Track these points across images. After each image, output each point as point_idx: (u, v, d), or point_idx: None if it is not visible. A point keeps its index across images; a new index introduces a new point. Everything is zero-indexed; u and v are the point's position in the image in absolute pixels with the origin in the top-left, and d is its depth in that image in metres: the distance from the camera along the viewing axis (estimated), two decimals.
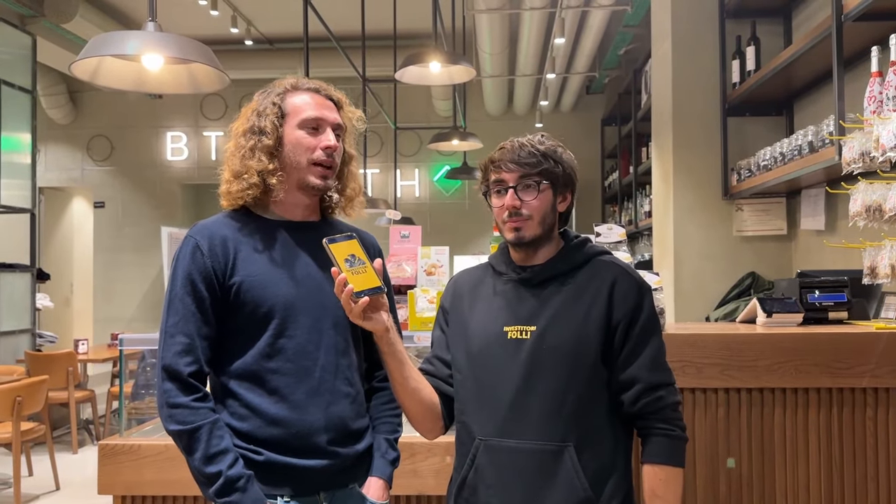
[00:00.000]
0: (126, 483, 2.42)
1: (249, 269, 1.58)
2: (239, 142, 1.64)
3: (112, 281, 9.67)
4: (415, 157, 9.72)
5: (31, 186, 6.38)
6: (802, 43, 3.37)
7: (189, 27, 7.61)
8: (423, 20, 6.40)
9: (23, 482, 4.74)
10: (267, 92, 1.67)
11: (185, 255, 1.58)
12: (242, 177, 1.61)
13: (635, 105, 6.86)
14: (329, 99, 1.67)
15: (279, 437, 1.56)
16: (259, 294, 1.57)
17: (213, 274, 1.57)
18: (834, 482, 2.26)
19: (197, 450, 1.50)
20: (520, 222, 1.57)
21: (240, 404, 1.57)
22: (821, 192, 3.82)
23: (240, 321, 1.58)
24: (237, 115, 1.70)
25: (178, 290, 1.56)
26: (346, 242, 1.51)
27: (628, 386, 1.56)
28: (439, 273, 2.80)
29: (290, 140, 1.62)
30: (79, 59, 2.26)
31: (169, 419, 1.52)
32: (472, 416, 1.59)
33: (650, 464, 1.55)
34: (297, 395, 1.57)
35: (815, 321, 2.48)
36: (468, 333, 1.62)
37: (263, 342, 1.57)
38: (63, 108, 9.48)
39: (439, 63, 3.80)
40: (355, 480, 1.65)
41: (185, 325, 1.54)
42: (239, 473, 1.51)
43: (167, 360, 1.53)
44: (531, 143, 1.60)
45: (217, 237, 1.60)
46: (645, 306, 1.58)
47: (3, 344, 6.15)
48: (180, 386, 1.52)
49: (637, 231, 6.88)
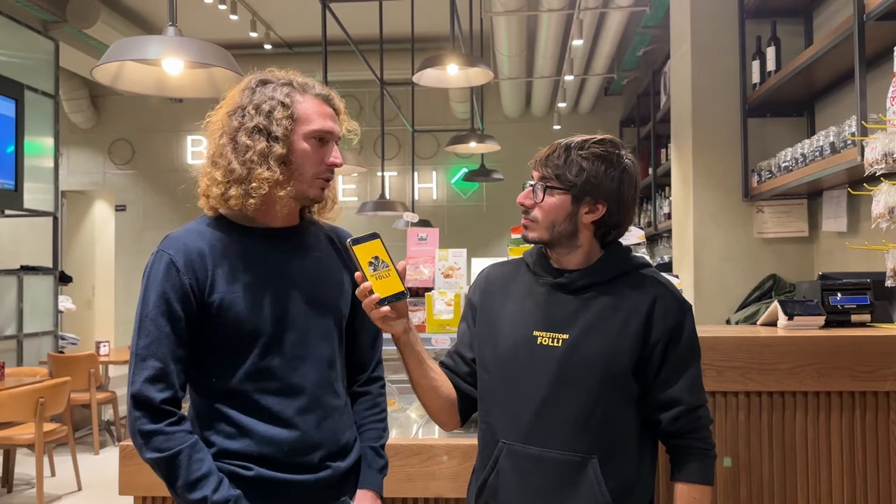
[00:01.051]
0: (147, 484, 2.44)
1: (230, 285, 1.47)
2: (240, 140, 1.48)
3: (133, 283, 9.75)
4: (432, 160, 9.73)
5: (53, 190, 6.45)
6: (823, 43, 3.34)
7: (209, 32, 7.67)
8: (440, 23, 6.41)
9: (45, 483, 4.79)
10: (268, 84, 1.52)
11: (157, 272, 1.47)
12: (250, 185, 1.47)
13: (654, 106, 6.83)
14: (334, 108, 1.58)
15: (272, 455, 1.49)
16: (241, 312, 1.47)
17: (191, 292, 1.45)
18: (857, 487, 2.24)
19: (178, 477, 1.41)
20: (527, 221, 1.56)
21: (229, 424, 1.49)
22: (843, 194, 3.78)
23: (222, 339, 1.48)
24: (221, 97, 1.57)
25: (150, 311, 1.44)
26: (370, 243, 1.47)
27: (668, 406, 1.53)
28: (457, 275, 2.80)
29: (298, 150, 1.50)
30: (100, 64, 2.28)
31: (144, 448, 1.42)
32: (496, 417, 1.57)
33: (684, 482, 1.54)
34: (289, 413, 1.50)
35: (837, 324, 2.45)
36: (497, 333, 1.59)
37: (250, 363, 1.48)
38: (85, 112, 9.59)
39: (457, 65, 3.80)
40: (346, 493, 1.60)
41: (157, 349, 1.43)
42: (225, 497, 1.42)
43: (137, 387, 1.42)
44: (569, 146, 1.53)
45: (193, 251, 1.48)
46: (686, 326, 1.55)
47: (27, 346, 6.22)
48: (152, 413, 1.41)
49: (656, 233, 6.84)
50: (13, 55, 6.02)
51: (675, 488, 1.55)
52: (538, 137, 1.64)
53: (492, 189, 9.58)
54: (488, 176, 7.15)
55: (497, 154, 7.21)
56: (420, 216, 7.67)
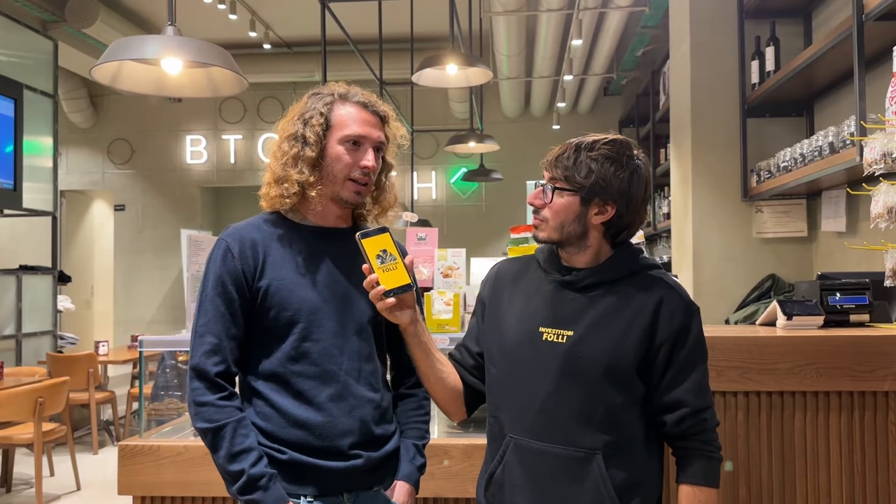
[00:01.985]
0: (145, 484, 2.44)
1: (277, 272, 1.61)
2: (282, 146, 1.65)
3: (132, 283, 9.76)
4: (432, 160, 9.73)
5: (52, 190, 6.45)
6: (823, 43, 3.34)
7: (208, 31, 7.67)
8: (440, 23, 6.41)
9: (44, 482, 4.79)
10: (317, 96, 1.68)
11: (216, 257, 1.62)
12: (283, 185, 1.62)
13: (653, 106, 6.83)
14: (375, 114, 1.67)
15: (302, 439, 1.58)
16: (285, 297, 1.60)
17: (243, 276, 1.60)
18: (856, 487, 2.24)
19: (221, 447, 1.53)
20: (537, 221, 1.57)
21: (265, 404, 1.60)
22: (842, 194, 3.79)
23: (266, 323, 1.61)
24: (285, 112, 1.71)
25: (208, 292, 1.59)
26: (379, 237, 1.53)
27: (673, 408, 1.54)
28: (456, 275, 2.80)
29: (332, 153, 1.63)
30: (99, 64, 2.28)
31: (196, 417, 1.55)
32: (504, 412, 1.58)
33: (689, 484, 1.54)
34: (321, 399, 1.59)
35: (836, 324, 2.45)
36: (504, 328, 1.61)
37: (288, 345, 1.60)
38: (84, 112, 9.59)
39: (456, 65, 3.80)
40: (380, 483, 1.66)
41: (213, 326, 1.57)
42: (261, 472, 1.53)
43: (195, 360, 1.56)
44: (579, 147, 1.53)
45: (247, 240, 1.63)
46: (692, 328, 1.55)
47: (26, 345, 6.22)
48: (207, 385, 1.55)
49: (655, 233, 6.84)
50: (12, 54, 6.01)
51: (680, 490, 1.55)
52: (537, 137, 1.63)
53: (491, 189, 9.58)
54: (487, 176, 7.16)
55: (496, 154, 7.21)
56: (419, 216, 7.67)
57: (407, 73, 6.02)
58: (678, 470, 1.57)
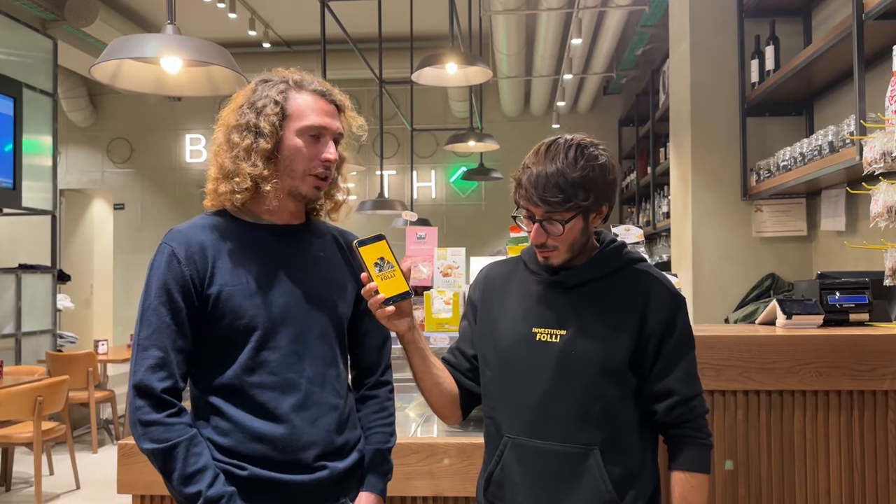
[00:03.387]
0: (145, 483, 2.44)
1: (229, 277, 1.49)
2: (231, 138, 1.51)
3: (132, 282, 9.76)
4: (431, 159, 9.73)
5: (52, 189, 6.45)
6: (822, 42, 3.34)
7: (207, 30, 7.66)
8: (439, 22, 6.41)
9: (44, 481, 4.78)
10: (267, 83, 1.54)
11: (160, 263, 1.49)
12: (234, 179, 1.49)
13: (653, 106, 6.83)
14: (333, 103, 1.56)
15: (263, 453, 1.47)
16: (239, 304, 1.48)
17: (191, 283, 1.47)
18: (855, 486, 2.24)
19: (174, 469, 1.41)
20: (547, 252, 1.56)
21: (222, 419, 1.48)
22: (841, 193, 3.79)
23: (219, 332, 1.49)
24: (226, 101, 1.58)
25: (152, 301, 1.47)
26: (376, 245, 1.49)
27: (663, 397, 1.56)
28: (455, 274, 2.80)
29: (289, 146, 1.51)
30: (99, 62, 2.28)
31: (142, 438, 1.42)
32: (500, 413, 1.60)
33: (681, 471, 1.56)
34: (283, 409, 1.49)
35: (835, 323, 2.45)
36: (497, 331, 1.62)
37: (245, 355, 1.48)
38: (83, 110, 9.58)
39: (456, 64, 3.80)
40: (346, 495, 1.58)
41: (158, 338, 1.44)
42: (219, 493, 1.42)
43: (139, 376, 1.43)
44: (560, 173, 1.48)
45: (195, 244, 1.49)
46: (679, 318, 1.57)
47: (25, 344, 6.22)
48: (153, 403, 1.42)
49: (655, 232, 6.84)
50: (12, 53, 6.01)
51: (673, 476, 1.57)
52: (537, 136, 1.62)
53: (491, 188, 9.58)
54: (487, 175, 7.15)
55: (496, 153, 7.20)
56: (419, 215, 7.66)
57: (406, 72, 6.02)
58: (670, 457, 1.59)
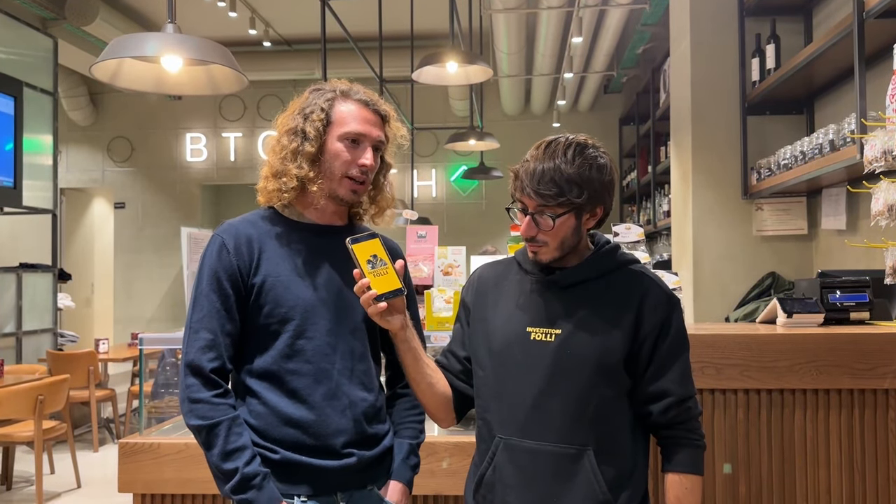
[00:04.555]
0: (146, 481, 2.44)
1: (272, 269, 1.60)
2: (282, 140, 1.64)
3: (132, 281, 9.77)
4: (432, 158, 9.73)
5: (52, 188, 6.45)
6: (823, 41, 3.34)
7: (208, 29, 7.67)
8: (440, 20, 6.41)
9: (45, 480, 4.79)
10: (318, 91, 1.67)
11: (211, 253, 1.61)
12: (281, 179, 1.62)
13: (653, 104, 6.83)
14: (376, 113, 1.67)
15: (295, 438, 1.57)
16: (280, 294, 1.59)
17: (238, 272, 1.59)
18: (855, 485, 2.24)
19: (215, 445, 1.51)
20: (536, 247, 1.56)
21: (258, 402, 1.59)
22: (842, 192, 3.78)
23: (260, 320, 1.60)
24: (285, 107, 1.70)
25: (203, 287, 1.58)
26: (369, 242, 1.52)
27: (658, 398, 1.56)
28: (456, 273, 2.80)
29: (330, 150, 1.62)
30: (99, 61, 2.28)
31: (189, 414, 1.53)
32: (493, 413, 1.59)
33: (675, 472, 1.56)
34: (315, 397, 1.58)
35: (836, 322, 2.45)
36: (490, 330, 1.62)
37: (283, 342, 1.59)
38: (84, 109, 9.59)
39: (456, 63, 3.80)
40: (374, 482, 1.66)
41: (209, 322, 1.56)
42: (255, 471, 1.51)
43: (191, 356, 1.55)
44: (556, 168, 1.49)
45: (243, 236, 1.62)
46: (674, 320, 1.57)
47: (26, 343, 6.22)
48: (202, 381, 1.53)
49: (655, 231, 6.84)
50: (12, 52, 6.01)
51: (667, 478, 1.57)
52: (538, 135, 1.62)
53: (491, 187, 9.58)
54: (487, 174, 7.15)
55: (496, 152, 7.21)
56: (419, 214, 7.68)
57: (407, 70, 6.02)
58: (664, 459, 1.59)
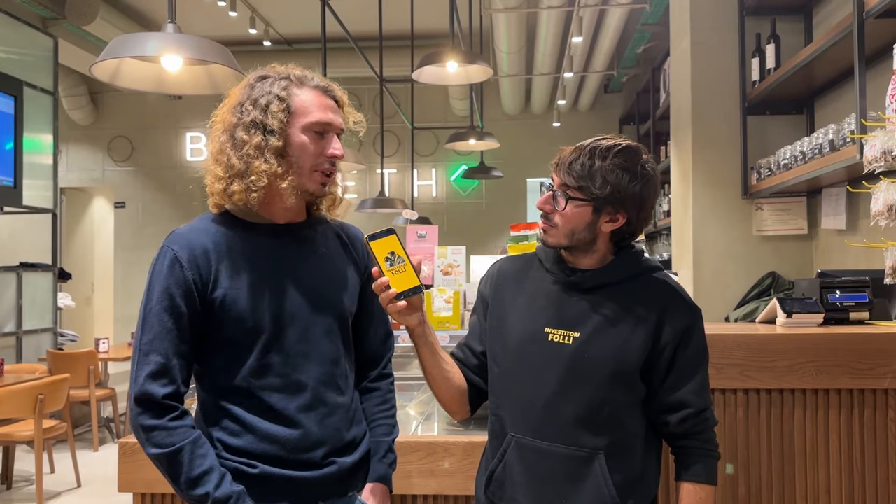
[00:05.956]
0: (146, 481, 2.44)
1: (233, 281, 1.48)
2: (238, 135, 1.49)
3: (132, 280, 9.77)
4: (432, 157, 9.73)
5: (52, 187, 6.45)
6: (823, 40, 3.34)
7: (208, 28, 7.67)
8: (440, 20, 6.41)
9: (45, 479, 4.79)
10: (267, 80, 1.53)
11: (161, 267, 1.46)
12: (247, 178, 1.47)
13: (654, 104, 6.83)
14: (334, 99, 1.56)
15: (275, 453, 1.49)
16: (244, 308, 1.47)
17: (194, 287, 1.46)
18: (855, 485, 2.24)
19: (181, 473, 1.41)
20: (546, 226, 1.56)
21: (231, 420, 1.50)
22: (842, 191, 3.78)
23: (225, 335, 1.49)
24: (223, 97, 1.57)
25: (153, 306, 1.45)
26: (387, 239, 1.49)
27: (677, 408, 1.55)
28: (456, 273, 2.80)
29: (296, 143, 1.50)
30: (99, 61, 2.28)
31: (146, 443, 1.42)
32: (506, 411, 1.59)
33: (690, 482, 1.56)
34: (291, 411, 1.50)
35: (835, 322, 2.45)
36: (507, 328, 1.61)
37: (253, 359, 1.49)
38: (84, 109, 9.58)
39: (456, 63, 3.79)
40: (354, 488, 1.61)
41: (159, 344, 1.43)
42: (227, 493, 1.42)
43: (140, 383, 1.42)
44: (592, 157, 1.50)
45: (198, 247, 1.48)
46: (696, 330, 1.57)
47: (26, 343, 6.22)
48: (154, 408, 1.42)
49: (656, 230, 6.84)
50: (12, 52, 6.01)
51: (681, 488, 1.56)
52: (538, 135, 1.62)
53: (491, 186, 9.58)
54: (488, 173, 7.15)
55: (497, 151, 7.20)
56: (419, 213, 7.68)
57: (407, 70, 6.02)
58: (679, 468, 1.58)
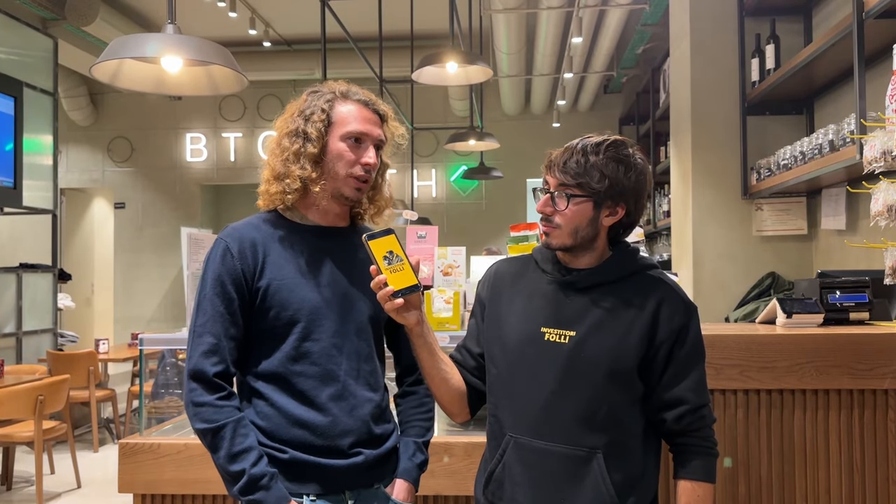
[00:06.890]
0: (146, 482, 2.44)
1: (277, 272, 1.61)
2: (283, 143, 1.65)
3: (132, 281, 9.77)
4: (432, 158, 9.73)
5: (52, 188, 6.45)
6: (823, 41, 3.34)
7: (208, 29, 7.67)
8: (440, 20, 6.41)
9: (45, 480, 4.79)
10: (316, 94, 1.68)
11: (215, 257, 1.61)
12: (284, 180, 1.62)
13: (653, 104, 6.83)
14: (376, 112, 1.69)
15: (303, 438, 1.58)
16: (285, 297, 1.60)
17: (242, 276, 1.60)
18: (855, 485, 2.24)
19: (221, 448, 1.53)
20: (549, 228, 1.57)
21: (266, 404, 1.60)
22: (841, 192, 3.79)
23: (266, 323, 1.61)
24: (282, 111, 1.71)
25: (207, 291, 1.59)
26: (385, 238, 1.53)
27: (674, 405, 1.56)
28: (456, 273, 2.80)
29: (333, 150, 1.63)
30: (99, 62, 2.28)
31: (194, 417, 1.55)
32: (504, 411, 1.59)
33: (689, 480, 1.56)
34: (322, 398, 1.60)
35: (835, 322, 2.45)
36: (505, 329, 1.62)
37: (289, 345, 1.60)
38: (84, 110, 9.59)
39: (456, 63, 3.80)
40: (380, 481, 1.67)
41: (212, 326, 1.57)
42: (262, 472, 1.53)
43: (194, 360, 1.56)
44: (585, 151, 1.53)
45: (247, 240, 1.62)
46: (692, 327, 1.57)
47: (26, 343, 6.22)
48: (205, 385, 1.55)
49: (655, 231, 6.84)
50: (12, 52, 6.01)
51: (679, 485, 1.57)
52: (538, 135, 1.63)
53: (491, 187, 9.58)
54: (488, 174, 7.15)
55: (496, 152, 7.21)
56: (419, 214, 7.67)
57: (407, 70, 6.02)
58: (677, 466, 1.59)
